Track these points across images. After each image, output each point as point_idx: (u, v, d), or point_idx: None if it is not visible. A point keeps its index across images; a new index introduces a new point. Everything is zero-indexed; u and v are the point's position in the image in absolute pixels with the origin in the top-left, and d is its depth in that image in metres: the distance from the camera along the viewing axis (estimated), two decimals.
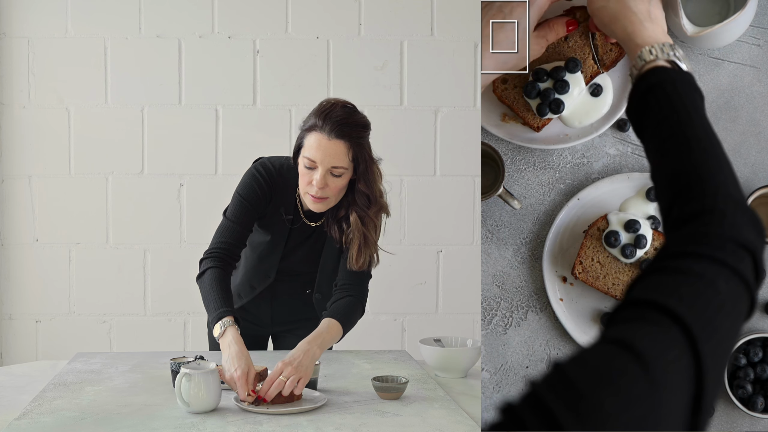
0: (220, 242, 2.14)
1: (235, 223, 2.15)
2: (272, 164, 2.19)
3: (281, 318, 2.36)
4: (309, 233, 2.25)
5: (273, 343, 2.48)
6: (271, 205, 2.18)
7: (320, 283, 2.28)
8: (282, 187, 2.17)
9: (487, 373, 1.76)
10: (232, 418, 1.71)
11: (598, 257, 1.71)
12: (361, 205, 2.12)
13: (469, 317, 3.48)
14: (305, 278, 2.32)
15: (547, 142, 1.72)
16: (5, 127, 3.39)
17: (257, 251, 2.28)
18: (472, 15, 3.41)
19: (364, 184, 2.11)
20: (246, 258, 2.29)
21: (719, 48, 1.72)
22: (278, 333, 2.43)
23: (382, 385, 1.87)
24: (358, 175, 2.09)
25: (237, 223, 2.14)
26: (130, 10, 3.38)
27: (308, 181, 2.03)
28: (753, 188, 1.71)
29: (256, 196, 2.15)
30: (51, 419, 1.69)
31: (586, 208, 1.74)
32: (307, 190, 2.04)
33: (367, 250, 2.14)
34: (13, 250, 3.41)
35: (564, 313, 1.74)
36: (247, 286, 2.31)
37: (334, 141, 1.99)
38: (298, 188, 2.16)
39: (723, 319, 0.88)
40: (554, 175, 1.75)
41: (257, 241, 2.27)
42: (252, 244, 2.27)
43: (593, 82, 1.70)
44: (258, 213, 2.17)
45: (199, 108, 3.42)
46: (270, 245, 2.25)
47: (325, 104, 2.04)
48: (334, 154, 2.00)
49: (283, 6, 3.43)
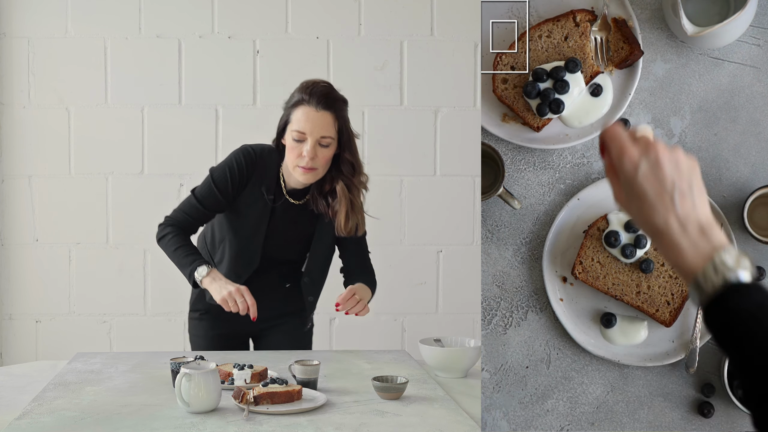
0: (182, 215, 2.28)
1: (200, 203, 2.27)
2: (253, 149, 2.29)
3: (265, 312, 2.31)
4: (294, 216, 2.28)
5: (255, 344, 2.48)
6: (249, 186, 2.26)
7: (310, 267, 2.34)
8: (263, 168, 2.26)
9: (487, 373, 1.76)
10: (232, 418, 1.71)
11: (598, 257, 1.71)
12: (346, 173, 2.24)
13: (469, 317, 3.48)
14: (290, 268, 2.34)
15: (547, 142, 1.72)
16: (5, 127, 3.39)
17: (240, 235, 2.30)
18: (472, 15, 3.41)
19: (349, 153, 2.23)
20: (230, 245, 2.31)
21: (719, 48, 1.72)
22: (261, 330, 2.43)
23: (382, 385, 1.87)
24: (342, 145, 2.22)
25: (201, 204, 2.27)
26: (130, 10, 3.38)
27: (298, 153, 2.16)
28: (753, 188, 1.71)
29: (226, 182, 2.25)
30: (51, 419, 1.69)
31: (586, 208, 1.74)
32: (297, 163, 2.17)
33: (354, 216, 2.25)
34: (13, 250, 3.41)
35: (564, 313, 1.74)
36: (232, 274, 2.30)
37: (322, 112, 2.15)
38: (280, 168, 2.27)
39: None
40: (554, 175, 1.75)
41: (240, 225, 2.29)
42: (234, 230, 2.30)
43: (593, 82, 1.70)
44: (226, 200, 2.26)
45: (199, 108, 3.42)
46: (253, 227, 2.28)
47: (307, 82, 2.20)
48: (322, 125, 2.15)
49: (283, 6, 3.43)
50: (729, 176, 1.73)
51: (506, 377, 1.76)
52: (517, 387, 1.76)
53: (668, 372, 1.74)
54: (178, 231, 2.27)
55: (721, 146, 1.73)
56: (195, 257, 2.22)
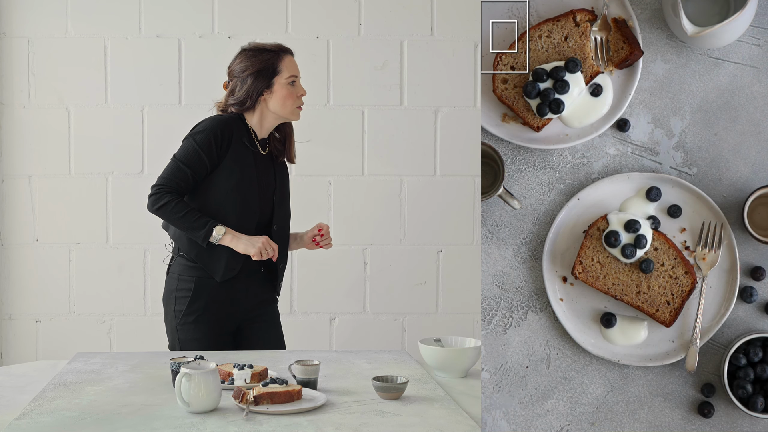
0: (174, 182, 2.34)
1: (188, 167, 2.35)
2: (227, 115, 2.44)
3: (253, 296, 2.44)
4: (266, 167, 2.45)
5: (239, 341, 2.47)
6: (233, 145, 2.37)
7: (278, 215, 2.46)
8: (239, 127, 2.41)
9: (487, 373, 1.76)
10: (232, 418, 1.71)
11: (598, 257, 1.71)
12: None
13: (469, 317, 3.48)
14: (262, 217, 2.44)
15: (547, 142, 1.72)
16: (5, 127, 3.39)
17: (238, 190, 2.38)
18: (472, 15, 3.41)
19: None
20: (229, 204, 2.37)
21: (719, 48, 1.72)
22: (244, 323, 2.46)
23: (382, 385, 1.87)
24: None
25: (190, 168, 2.35)
26: (130, 10, 3.38)
27: (295, 95, 2.43)
28: (753, 188, 1.71)
29: (210, 146, 2.35)
30: (51, 419, 1.69)
31: (586, 208, 1.74)
32: (297, 104, 2.44)
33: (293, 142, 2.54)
34: (13, 250, 3.41)
35: (564, 313, 1.74)
36: (240, 230, 2.36)
37: (293, 57, 2.48)
38: (250, 125, 2.43)
39: None
40: (554, 175, 1.75)
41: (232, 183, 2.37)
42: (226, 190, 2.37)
43: (593, 82, 1.70)
44: (210, 163, 2.36)
45: (199, 108, 3.41)
46: (244, 180, 2.38)
47: (261, 43, 2.46)
48: (297, 67, 2.49)
49: (283, 6, 3.43)
50: (729, 176, 1.73)
51: (506, 377, 1.77)
52: (517, 387, 1.76)
53: (668, 372, 1.74)
54: (177, 197, 2.33)
55: (721, 146, 1.74)
56: (207, 219, 2.30)
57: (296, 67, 2.48)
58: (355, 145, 3.44)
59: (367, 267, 3.45)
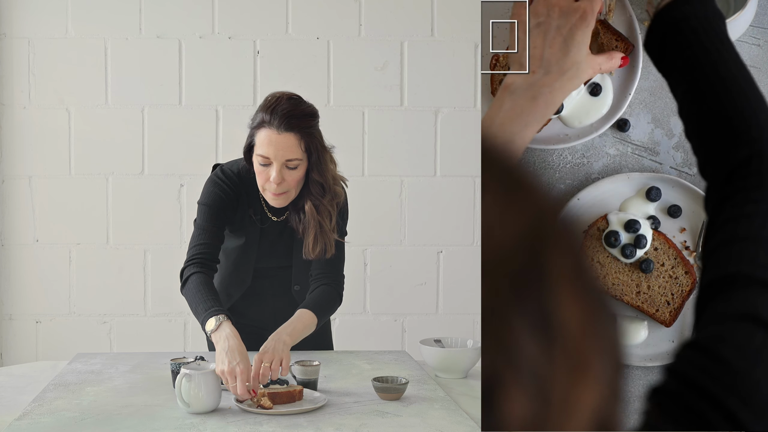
0: (196, 247, 2.12)
1: (208, 225, 2.13)
2: (231, 169, 2.18)
3: (268, 320, 2.24)
4: (279, 230, 2.22)
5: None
6: (240, 208, 2.17)
7: (297, 275, 2.25)
8: (245, 189, 2.16)
9: None
10: (232, 419, 1.71)
11: (598, 257, 1.71)
12: (315, 194, 2.11)
13: (469, 317, 3.48)
14: (283, 275, 2.28)
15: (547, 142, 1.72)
16: (5, 127, 3.39)
17: (231, 258, 2.24)
18: (472, 15, 3.41)
19: (317, 173, 2.09)
20: (219, 267, 2.20)
21: None
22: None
23: (383, 386, 1.87)
24: (311, 165, 2.07)
25: (211, 225, 2.13)
26: (130, 10, 3.38)
27: (266, 178, 2.03)
28: None
29: (222, 201, 2.14)
30: (51, 420, 1.69)
31: (586, 208, 1.74)
32: (266, 188, 2.05)
33: (323, 239, 2.12)
34: (13, 250, 3.41)
35: None
36: (224, 294, 2.24)
37: (284, 134, 2.00)
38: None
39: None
40: (554, 175, 1.75)
41: (230, 248, 2.23)
42: (225, 251, 2.23)
43: (593, 82, 1.70)
44: (227, 217, 2.16)
45: (199, 108, 3.42)
46: (244, 249, 2.22)
47: (271, 99, 2.08)
48: (286, 147, 2.00)
49: (283, 6, 3.43)
50: None
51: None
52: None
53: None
54: (200, 270, 2.08)
55: None
56: (208, 305, 1.98)
57: (274, 146, 2.00)
58: (355, 146, 3.44)
59: (367, 267, 3.45)
